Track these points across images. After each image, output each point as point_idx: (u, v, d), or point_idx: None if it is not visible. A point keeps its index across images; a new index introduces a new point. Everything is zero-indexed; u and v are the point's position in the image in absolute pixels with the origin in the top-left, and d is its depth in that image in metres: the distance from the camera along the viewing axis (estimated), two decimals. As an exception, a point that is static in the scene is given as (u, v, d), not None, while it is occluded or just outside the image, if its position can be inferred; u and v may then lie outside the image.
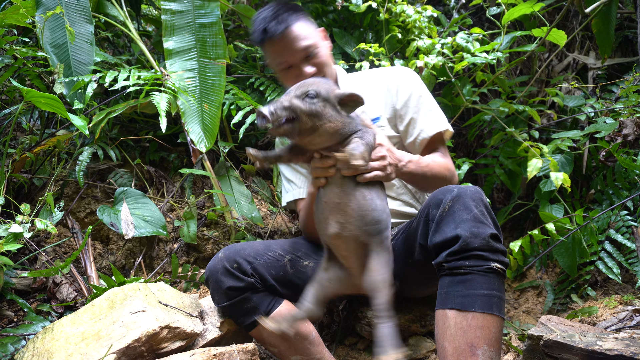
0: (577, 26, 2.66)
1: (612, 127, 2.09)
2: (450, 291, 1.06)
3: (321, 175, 1.09)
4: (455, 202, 1.10)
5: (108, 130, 2.12)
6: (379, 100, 1.52)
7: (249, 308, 1.33)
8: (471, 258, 1.05)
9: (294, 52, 1.41)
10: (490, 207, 1.12)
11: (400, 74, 1.55)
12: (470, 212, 1.07)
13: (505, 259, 1.08)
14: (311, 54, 1.43)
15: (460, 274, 1.06)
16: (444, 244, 1.09)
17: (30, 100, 1.53)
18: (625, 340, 1.16)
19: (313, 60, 1.45)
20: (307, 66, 1.44)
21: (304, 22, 1.44)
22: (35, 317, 1.53)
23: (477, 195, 1.11)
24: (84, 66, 1.88)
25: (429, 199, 1.18)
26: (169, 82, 1.84)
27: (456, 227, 1.07)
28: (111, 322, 1.22)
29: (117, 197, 1.85)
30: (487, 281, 1.04)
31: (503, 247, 1.09)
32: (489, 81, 2.20)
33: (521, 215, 2.46)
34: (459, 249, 1.05)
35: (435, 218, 1.12)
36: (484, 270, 1.04)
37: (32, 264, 1.79)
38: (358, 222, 1.07)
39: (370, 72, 1.62)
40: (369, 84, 1.56)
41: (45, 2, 1.86)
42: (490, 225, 1.07)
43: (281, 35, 1.39)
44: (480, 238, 1.05)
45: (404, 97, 1.50)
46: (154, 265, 1.92)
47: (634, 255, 1.92)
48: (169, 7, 1.99)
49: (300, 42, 1.41)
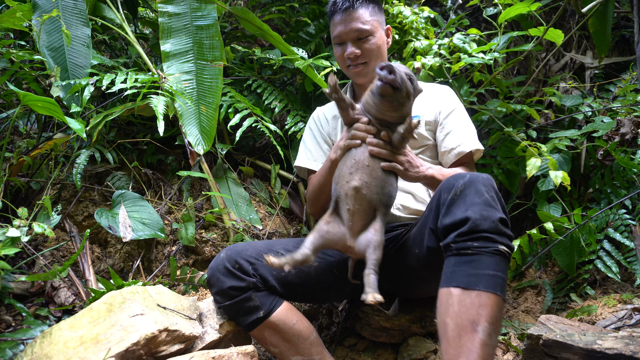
0: (574, 26, 2.67)
1: (610, 126, 2.10)
2: (457, 270, 1.06)
3: (360, 138, 1.23)
4: (467, 187, 1.12)
5: (105, 133, 2.12)
6: (421, 102, 1.60)
7: (251, 307, 1.33)
8: (479, 239, 1.06)
9: (348, 30, 1.55)
10: (500, 194, 1.15)
11: (445, 89, 1.67)
12: (482, 197, 1.10)
13: (511, 244, 1.10)
14: (362, 38, 1.56)
15: (468, 254, 1.06)
16: (454, 226, 1.10)
17: (27, 103, 1.52)
18: (624, 339, 1.15)
19: (362, 45, 1.56)
20: (353, 47, 1.56)
21: (371, 9, 1.57)
22: (33, 321, 1.52)
23: (488, 181, 1.14)
24: (81, 69, 1.87)
25: (441, 185, 1.21)
26: (166, 84, 1.84)
27: (467, 210, 1.09)
28: (110, 326, 1.21)
29: (115, 200, 1.85)
30: (494, 262, 1.05)
31: (510, 232, 1.10)
32: (487, 81, 2.20)
33: (519, 215, 2.46)
34: (468, 230, 1.07)
35: (446, 201, 1.14)
36: (491, 251, 1.05)
37: (29, 268, 1.78)
38: (378, 188, 1.20)
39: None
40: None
41: (41, 5, 1.86)
42: (499, 210, 1.10)
43: (344, 11, 1.55)
44: (489, 221, 1.06)
45: (449, 109, 1.60)
46: (152, 268, 1.91)
47: (633, 253, 1.92)
48: (165, 10, 1.99)
49: (357, 23, 1.54)
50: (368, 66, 1.60)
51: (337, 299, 1.66)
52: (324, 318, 1.82)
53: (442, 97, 1.63)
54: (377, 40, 1.58)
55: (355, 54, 1.57)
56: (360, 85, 1.67)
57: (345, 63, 1.62)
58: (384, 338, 1.57)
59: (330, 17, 1.62)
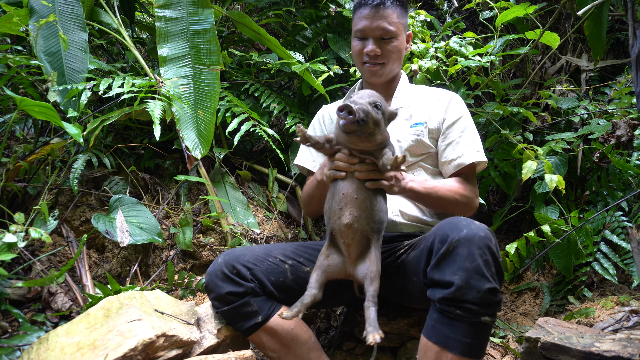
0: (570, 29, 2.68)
1: (606, 129, 2.11)
2: (437, 327, 1.10)
3: (343, 169, 1.22)
4: (460, 245, 1.09)
5: (102, 137, 2.12)
6: (427, 109, 1.58)
7: (249, 312, 1.32)
8: (462, 309, 1.07)
9: (374, 27, 1.51)
10: (497, 252, 1.11)
11: (453, 96, 1.61)
12: (473, 262, 1.07)
13: (497, 310, 1.10)
14: (386, 39, 1.52)
15: (450, 317, 1.09)
16: (440, 284, 1.10)
17: (24, 109, 1.52)
18: (622, 341, 1.16)
19: (384, 45, 1.53)
20: (373, 45, 1.52)
21: (399, 11, 1.54)
22: (30, 327, 1.51)
23: (484, 241, 1.09)
24: (78, 74, 1.87)
25: (436, 229, 1.19)
26: (164, 89, 1.84)
27: (454, 273, 1.07)
28: (107, 331, 1.21)
29: (112, 205, 1.84)
30: (473, 331, 1.07)
31: (499, 298, 1.09)
32: (483, 84, 2.21)
33: (517, 217, 2.46)
34: (452, 297, 1.07)
35: (438, 253, 1.12)
36: (472, 322, 1.07)
37: (26, 274, 1.78)
38: (368, 219, 1.21)
39: (425, 87, 1.69)
40: (422, 93, 1.64)
41: (38, 10, 1.85)
42: (490, 277, 1.07)
43: (374, 7, 1.50)
44: (475, 291, 1.05)
45: (453, 117, 1.56)
46: (149, 273, 1.90)
47: (630, 255, 1.93)
48: (162, 15, 1.99)
49: (384, 22, 1.51)
50: (385, 67, 1.57)
51: (335, 304, 1.65)
52: (322, 322, 1.82)
53: (448, 105, 1.59)
54: (399, 44, 1.55)
55: (376, 53, 1.53)
56: (371, 84, 1.63)
57: (362, 59, 1.57)
58: (383, 342, 1.57)
59: (357, 8, 1.57)
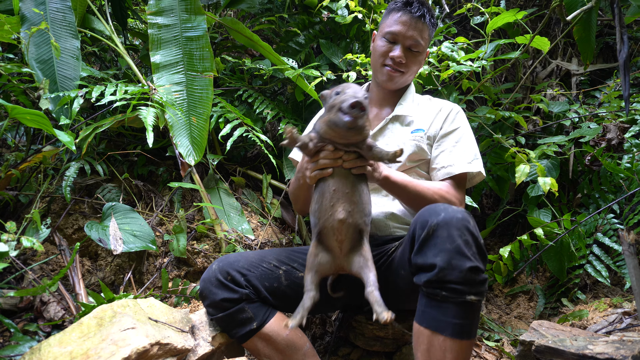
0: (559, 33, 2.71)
1: (596, 132, 2.13)
2: (426, 311, 1.12)
3: (330, 165, 1.21)
4: (439, 228, 1.11)
5: (95, 145, 2.11)
6: (428, 117, 1.59)
7: (244, 319, 1.32)
8: (447, 289, 1.08)
9: (408, 35, 1.53)
10: (476, 232, 1.12)
11: (455, 108, 1.62)
12: (453, 243, 1.09)
13: (483, 288, 1.10)
14: (413, 50, 1.56)
15: (437, 300, 1.10)
16: (423, 268, 1.12)
17: (16, 116, 1.51)
18: (615, 344, 1.17)
19: (410, 55, 1.56)
20: (402, 52, 1.54)
21: (431, 30, 1.59)
22: (21, 337, 1.50)
23: (463, 222, 1.11)
24: (70, 81, 1.87)
25: (417, 217, 1.21)
26: (156, 95, 1.84)
27: (436, 255, 1.09)
28: (100, 340, 1.20)
29: (105, 213, 1.83)
30: (461, 311, 1.08)
31: (483, 277, 1.10)
32: (475, 89, 2.23)
33: (510, 221, 2.48)
34: (436, 279, 1.08)
35: (419, 239, 1.14)
36: (458, 302, 1.08)
37: (18, 283, 1.76)
38: (360, 212, 1.22)
39: (430, 97, 1.71)
40: (426, 102, 1.66)
41: (30, 17, 1.85)
42: (471, 257, 1.08)
43: (413, 16, 1.52)
44: (457, 270, 1.07)
45: (450, 127, 1.56)
46: (143, 281, 1.89)
47: (622, 257, 1.95)
48: (155, 21, 1.99)
49: (418, 35, 1.54)
50: (403, 76, 1.58)
51: (329, 310, 1.65)
52: (318, 328, 1.81)
53: (447, 115, 1.58)
54: (421, 59, 1.60)
55: (402, 60, 1.54)
56: (381, 88, 1.63)
57: (384, 60, 1.57)
58: (378, 347, 1.57)
59: (395, 10, 1.57)
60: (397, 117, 1.59)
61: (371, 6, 2.37)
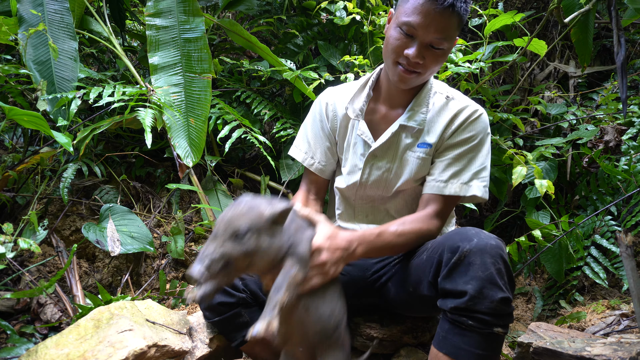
0: (557, 36, 2.72)
1: (594, 134, 2.14)
2: (449, 338, 1.08)
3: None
4: (472, 254, 1.06)
5: (93, 146, 2.10)
6: (440, 124, 1.34)
7: (241, 323, 1.31)
8: (474, 319, 1.05)
9: (430, 30, 1.19)
10: (509, 262, 1.09)
11: (474, 114, 1.33)
12: (486, 271, 1.04)
13: (510, 321, 1.08)
14: (435, 48, 1.22)
15: (462, 328, 1.06)
16: (452, 294, 1.08)
17: (13, 118, 1.51)
18: (613, 345, 1.17)
19: (429, 54, 1.23)
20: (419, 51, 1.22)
21: (458, 23, 1.22)
22: (18, 339, 1.49)
23: (496, 250, 1.07)
24: (68, 83, 1.86)
25: (443, 240, 1.15)
26: (155, 97, 1.84)
27: (467, 283, 1.05)
28: (97, 342, 1.19)
29: (103, 214, 1.83)
30: (485, 342, 1.05)
31: (512, 308, 1.07)
32: (473, 90, 2.23)
33: (508, 222, 2.48)
34: (465, 307, 1.05)
35: (449, 263, 1.09)
36: (485, 333, 1.05)
37: (15, 285, 1.75)
38: (300, 335, 1.08)
39: (452, 95, 1.38)
40: (442, 102, 1.36)
41: (27, 19, 1.85)
42: (503, 287, 1.05)
43: (441, 6, 1.17)
44: (488, 301, 1.03)
45: (460, 137, 1.31)
46: (141, 282, 1.89)
47: (619, 259, 1.95)
48: (153, 23, 1.99)
49: (443, 30, 1.19)
50: (419, 77, 1.28)
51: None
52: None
53: (462, 124, 1.32)
54: (444, 57, 1.27)
55: (418, 62, 1.23)
56: (391, 85, 1.34)
57: (397, 58, 1.25)
58: (376, 349, 1.56)
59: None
60: (404, 126, 1.35)
61: (369, 8, 2.37)
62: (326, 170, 1.48)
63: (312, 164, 1.47)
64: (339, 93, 1.47)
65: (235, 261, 0.94)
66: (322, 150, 1.47)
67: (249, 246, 0.95)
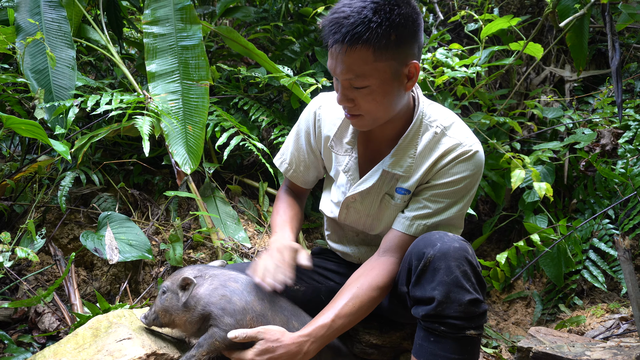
0: (552, 40, 2.74)
1: (591, 138, 2.15)
2: (424, 345, 1.09)
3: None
4: (436, 260, 1.07)
5: (91, 154, 2.10)
6: (421, 169, 1.23)
7: None
8: (445, 324, 1.06)
9: (338, 72, 1.10)
10: (475, 262, 1.08)
11: (463, 156, 1.20)
12: (451, 275, 1.05)
13: (482, 321, 1.08)
14: (357, 87, 1.11)
15: (435, 334, 1.08)
16: (422, 301, 1.09)
17: (11, 126, 1.51)
18: (612, 349, 1.17)
19: (356, 94, 1.12)
20: (343, 94, 1.13)
21: (375, 50, 1.05)
22: (16, 349, 1.48)
23: (460, 253, 1.06)
24: (66, 91, 1.87)
25: (412, 248, 1.15)
26: (152, 104, 1.84)
27: (434, 289, 1.06)
28: (95, 351, 1.19)
29: (101, 222, 1.83)
30: (459, 346, 1.06)
31: (483, 308, 1.07)
32: (470, 94, 2.24)
33: (506, 227, 2.48)
34: (435, 313, 1.06)
35: (416, 270, 1.10)
36: (457, 337, 1.06)
37: (12, 294, 1.75)
38: None
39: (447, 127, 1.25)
40: (432, 142, 1.23)
41: (25, 28, 1.85)
42: (470, 289, 1.05)
43: (337, 42, 1.06)
44: (456, 304, 1.04)
45: (442, 180, 1.21)
46: (140, 290, 1.88)
47: (618, 263, 1.95)
48: (151, 31, 2.00)
49: (350, 67, 1.08)
50: (364, 119, 1.17)
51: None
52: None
53: (447, 165, 1.21)
54: (377, 93, 1.10)
55: (345, 105, 1.15)
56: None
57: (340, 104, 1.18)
58: (375, 355, 1.56)
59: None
60: (386, 173, 1.26)
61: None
62: (309, 181, 1.49)
63: (295, 176, 1.46)
64: (329, 107, 1.36)
65: (159, 315, 1.20)
66: (305, 165, 1.44)
67: (164, 303, 1.19)
